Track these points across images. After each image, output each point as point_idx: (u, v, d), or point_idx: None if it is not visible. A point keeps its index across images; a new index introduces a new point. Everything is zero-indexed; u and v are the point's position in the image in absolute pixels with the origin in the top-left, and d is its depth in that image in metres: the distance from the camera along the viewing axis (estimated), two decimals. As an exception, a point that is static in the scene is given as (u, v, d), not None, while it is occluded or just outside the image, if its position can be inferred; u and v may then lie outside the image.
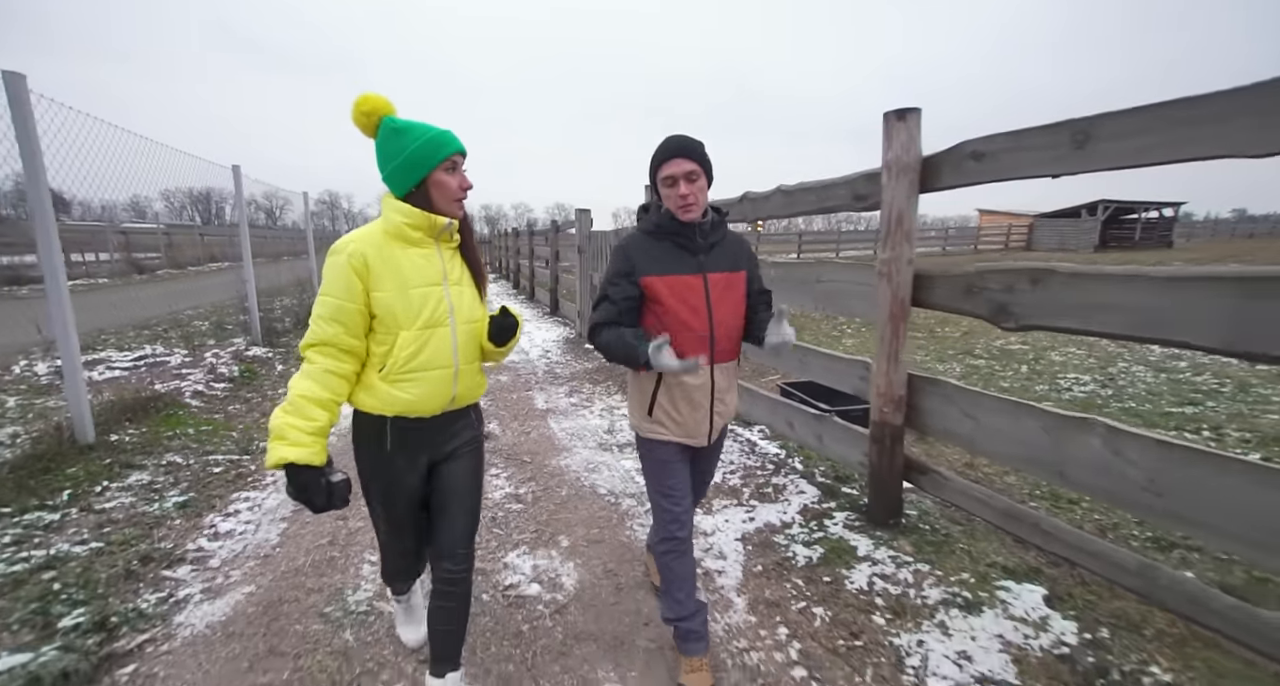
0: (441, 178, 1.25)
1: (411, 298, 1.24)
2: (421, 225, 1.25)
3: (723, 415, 1.58)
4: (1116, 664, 1.54)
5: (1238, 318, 1.26)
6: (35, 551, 2.06)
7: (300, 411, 1.15)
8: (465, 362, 1.34)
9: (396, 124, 1.24)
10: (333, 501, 1.17)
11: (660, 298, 1.46)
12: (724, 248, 1.55)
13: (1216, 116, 1.29)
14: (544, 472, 2.98)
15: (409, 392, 1.25)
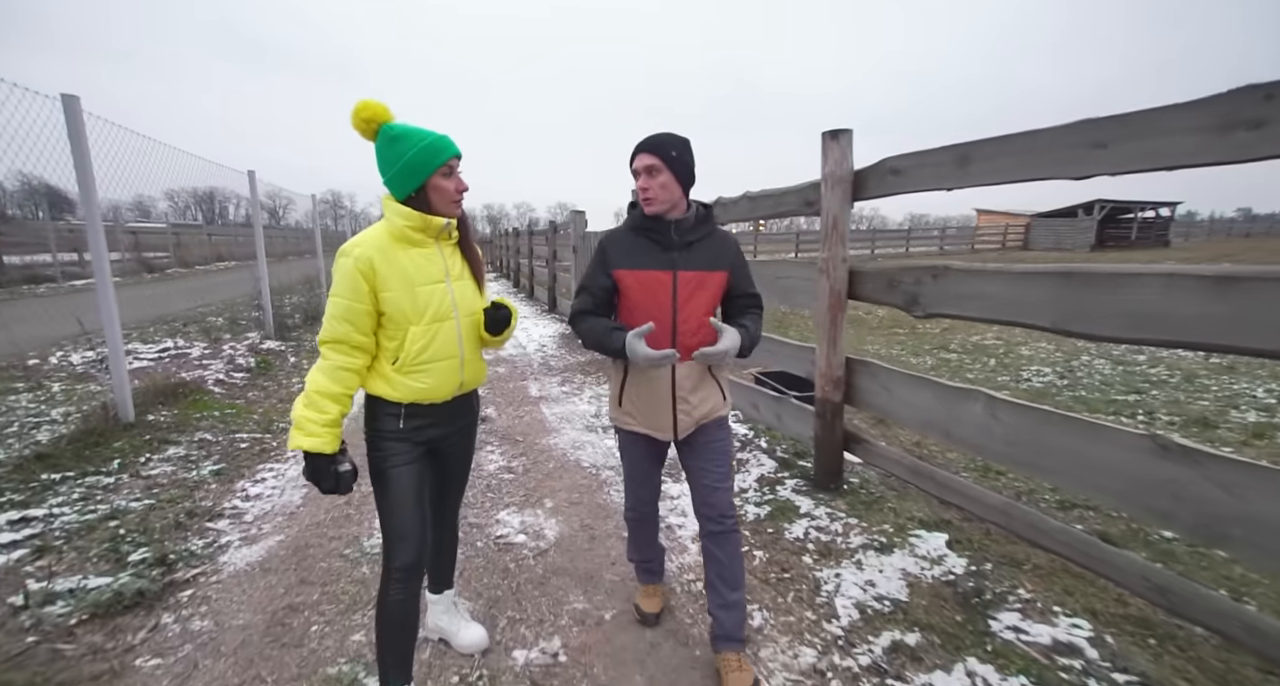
0: (439, 182, 1.33)
1: (418, 295, 1.33)
2: (421, 227, 1.34)
3: (689, 414, 1.56)
4: (991, 587, 1.91)
5: (1058, 304, 1.63)
6: (100, 505, 2.45)
7: (315, 405, 1.27)
8: (470, 352, 1.45)
9: (394, 131, 1.30)
10: (339, 487, 1.30)
11: (627, 290, 1.53)
12: (705, 246, 1.55)
13: (1048, 147, 1.66)
14: (534, 449, 3.36)
15: (423, 382, 1.36)
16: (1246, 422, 3.55)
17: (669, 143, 1.49)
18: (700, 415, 1.59)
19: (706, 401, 1.59)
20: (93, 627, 1.77)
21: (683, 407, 1.56)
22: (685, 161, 1.50)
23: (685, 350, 1.51)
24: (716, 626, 1.58)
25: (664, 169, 1.47)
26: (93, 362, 4.62)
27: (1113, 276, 1.52)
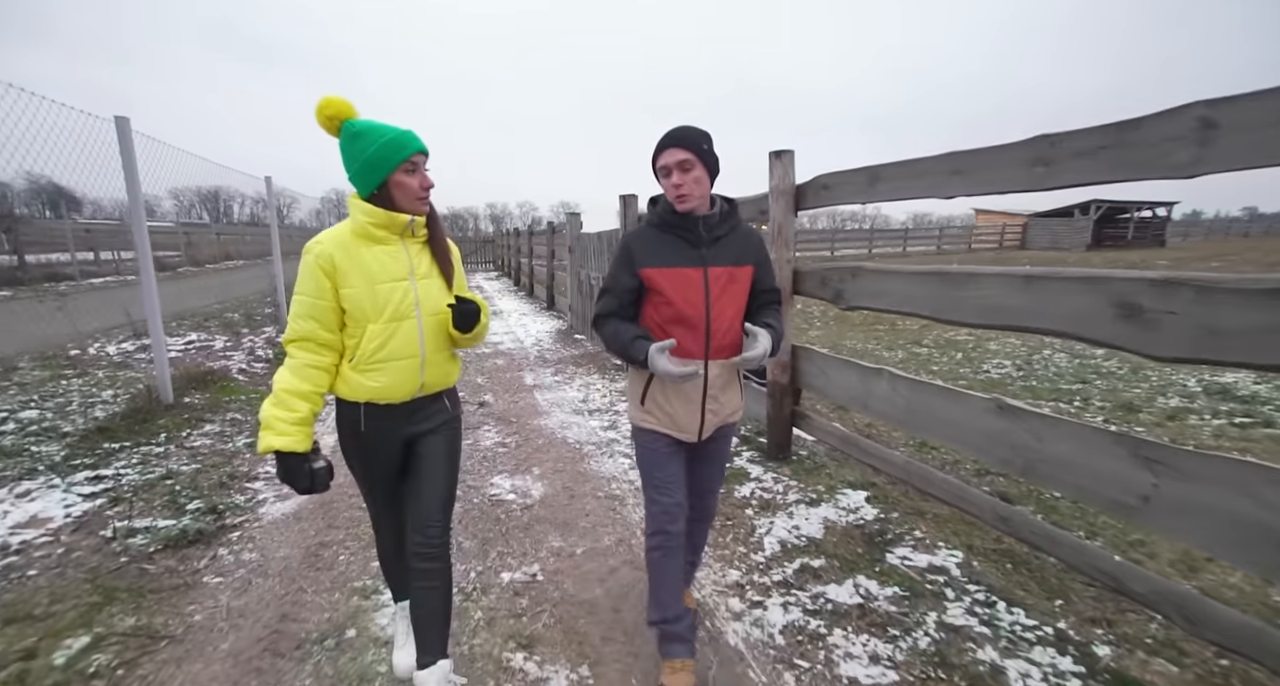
0: (401, 178, 1.30)
1: (378, 292, 1.30)
2: (384, 224, 1.31)
3: (716, 413, 1.55)
4: (893, 529, 2.35)
5: (935, 299, 2.07)
6: (156, 468, 2.92)
7: (283, 404, 1.26)
8: (433, 352, 1.40)
9: (355, 127, 1.29)
10: (314, 485, 1.28)
11: (658, 289, 1.47)
12: (731, 241, 1.52)
13: (924, 172, 2.10)
14: (526, 429, 3.82)
15: (376, 381, 1.33)
16: (1167, 408, 3.97)
17: (699, 135, 1.45)
18: (725, 415, 1.58)
19: (732, 401, 1.59)
20: (166, 555, 2.24)
21: (712, 407, 1.53)
22: (714, 154, 1.47)
23: (718, 347, 1.48)
24: None
25: (697, 162, 1.42)
26: (128, 353, 5.11)
27: (969, 276, 1.96)
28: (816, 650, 1.71)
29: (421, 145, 1.33)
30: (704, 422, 1.54)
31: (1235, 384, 4.48)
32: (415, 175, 1.33)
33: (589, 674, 1.63)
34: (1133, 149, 1.47)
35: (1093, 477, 1.62)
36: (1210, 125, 1.31)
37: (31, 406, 3.63)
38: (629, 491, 2.83)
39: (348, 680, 1.62)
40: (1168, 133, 1.39)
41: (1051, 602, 1.90)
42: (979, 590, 1.95)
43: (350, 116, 1.31)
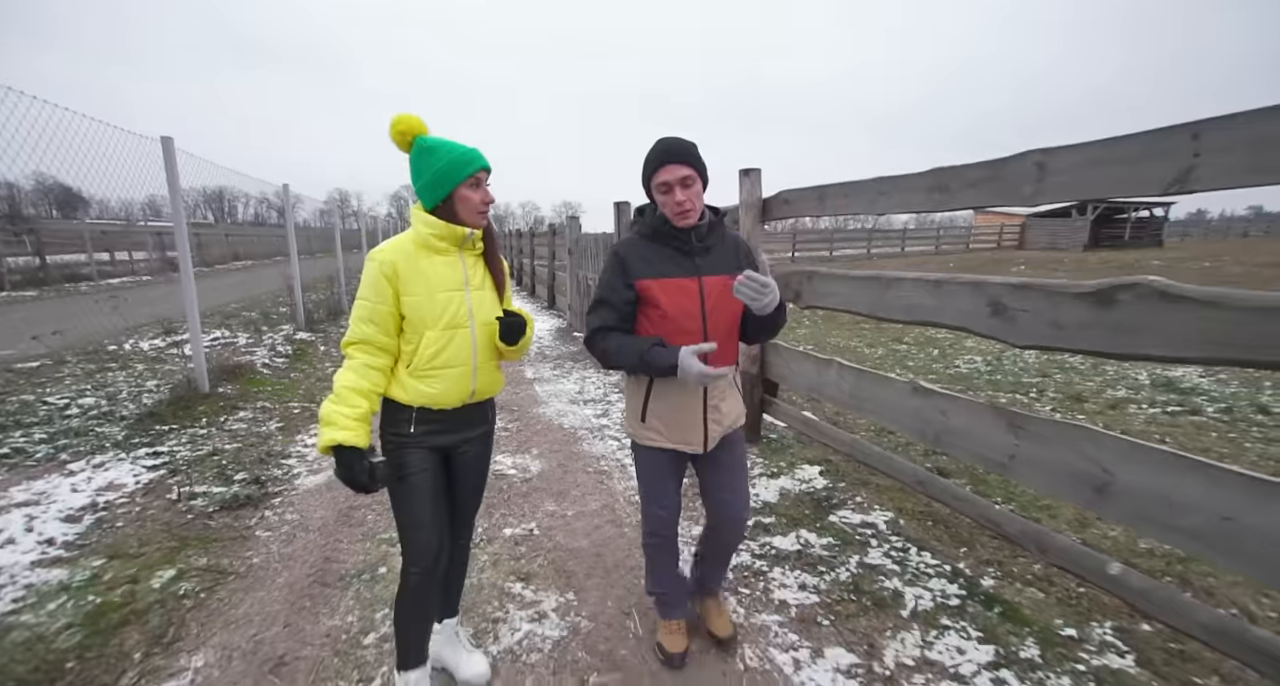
0: (465, 193, 1.38)
1: (436, 301, 1.37)
2: (446, 236, 1.39)
3: (719, 422, 1.56)
4: (838, 496, 2.78)
5: (871, 299, 2.49)
6: (203, 446, 3.37)
7: (344, 400, 1.30)
8: (483, 360, 1.46)
9: (426, 143, 1.37)
10: (375, 480, 1.30)
11: (655, 301, 1.48)
12: (722, 250, 1.55)
13: (859, 192, 2.52)
14: (526, 416, 4.25)
15: (433, 386, 1.39)
16: (1112, 398, 4.37)
17: (694, 149, 1.46)
18: (728, 424, 1.60)
19: (732, 410, 1.60)
20: (222, 514, 2.68)
21: (714, 417, 1.55)
22: (705, 166, 1.50)
23: (716, 358, 1.48)
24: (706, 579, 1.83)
25: (697, 178, 1.46)
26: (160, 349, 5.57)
27: (894, 280, 2.37)
28: (758, 582, 2.14)
29: (486, 162, 1.41)
30: (708, 432, 1.55)
31: (1181, 377, 4.88)
32: (478, 190, 1.41)
33: (574, 598, 2.06)
34: (1000, 181, 1.89)
35: (979, 443, 2.03)
36: (1043, 167, 1.73)
37: (88, 394, 4.09)
38: (615, 468, 3.26)
39: (382, 601, 2.05)
40: (1017, 171, 1.80)
41: (957, 549, 2.32)
42: (899, 540, 2.38)
43: (421, 132, 1.39)
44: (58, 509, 2.49)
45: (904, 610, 1.94)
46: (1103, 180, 1.60)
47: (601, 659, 1.76)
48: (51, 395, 4.07)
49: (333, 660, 1.75)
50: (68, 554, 2.21)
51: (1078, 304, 1.67)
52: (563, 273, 9.30)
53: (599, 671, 1.71)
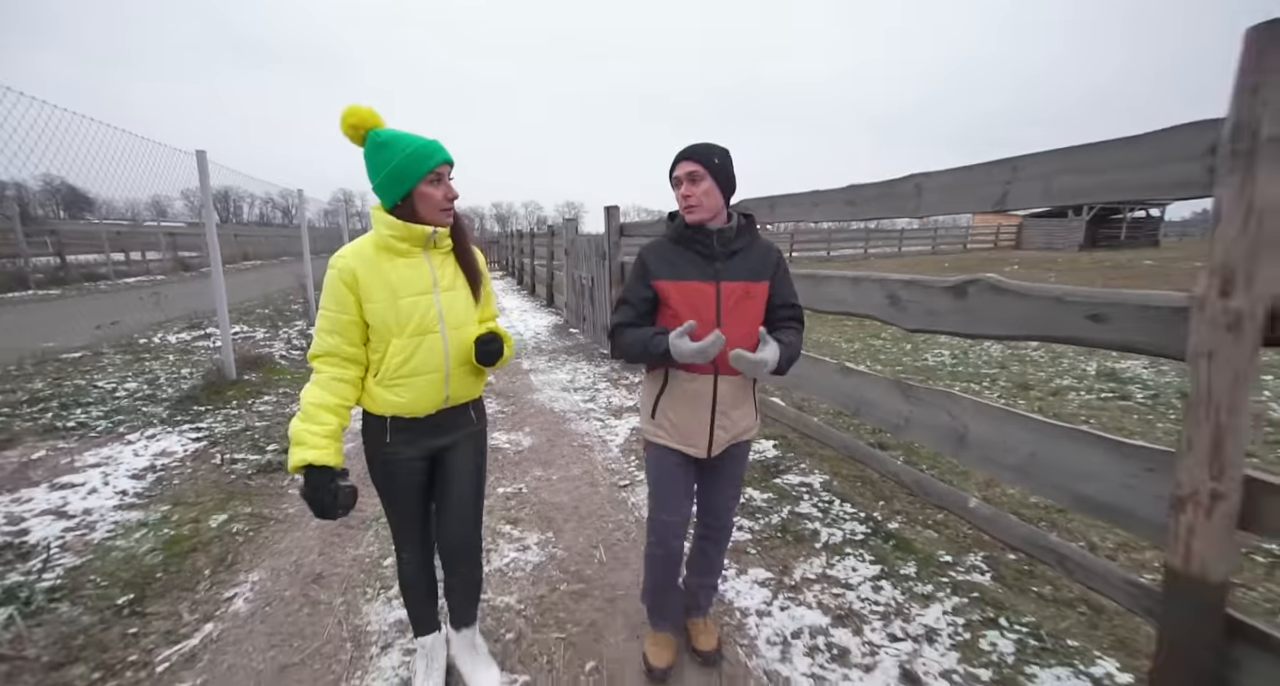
0: (425, 189, 1.30)
1: (401, 307, 1.31)
2: (405, 236, 1.32)
3: (726, 429, 1.56)
4: (785, 463, 3.25)
5: (806, 294, 2.95)
6: (236, 423, 3.87)
7: (312, 418, 1.27)
8: (457, 366, 1.40)
9: (381, 136, 1.29)
10: (338, 503, 1.26)
11: (670, 302, 1.51)
12: (747, 256, 1.54)
13: (801, 203, 2.99)
14: (521, 401, 4.74)
15: (401, 396, 1.35)
16: (1057, 386, 4.82)
17: (711, 150, 1.50)
18: (736, 433, 1.59)
19: (744, 419, 1.59)
20: (259, 477, 3.17)
21: (721, 423, 1.54)
22: (727, 169, 1.51)
23: (728, 363, 1.47)
24: (691, 599, 1.80)
25: (706, 176, 1.47)
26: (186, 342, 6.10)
27: (825, 277, 2.85)
28: (704, 525, 2.62)
29: (447, 156, 1.34)
30: (713, 438, 1.55)
31: (1125, 368, 5.32)
32: (440, 186, 1.33)
33: (552, 536, 2.55)
34: (891, 197, 2.36)
35: (885, 410, 2.50)
36: (920, 187, 2.20)
37: (130, 380, 4.61)
38: (597, 443, 3.74)
39: (397, 538, 2.54)
40: (902, 190, 2.28)
41: (875, 503, 2.79)
42: (829, 495, 2.85)
43: (375, 125, 1.31)
44: (125, 469, 2.99)
45: (818, 543, 2.42)
46: (956, 199, 2.08)
47: (571, 576, 2.24)
48: (100, 380, 4.60)
49: (359, 575, 2.24)
50: (140, 501, 2.72)
51: (944, 295, 2.14)
52: (561, 273, 9.80)
53: (567, 582, 2.19)
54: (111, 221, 16.32)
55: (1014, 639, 1.82)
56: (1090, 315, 1.66)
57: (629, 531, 2.57)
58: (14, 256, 11.17)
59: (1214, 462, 1.33)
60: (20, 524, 2.38)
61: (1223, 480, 1.32)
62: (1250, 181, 1.22)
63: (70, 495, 2.66)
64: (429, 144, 1.31)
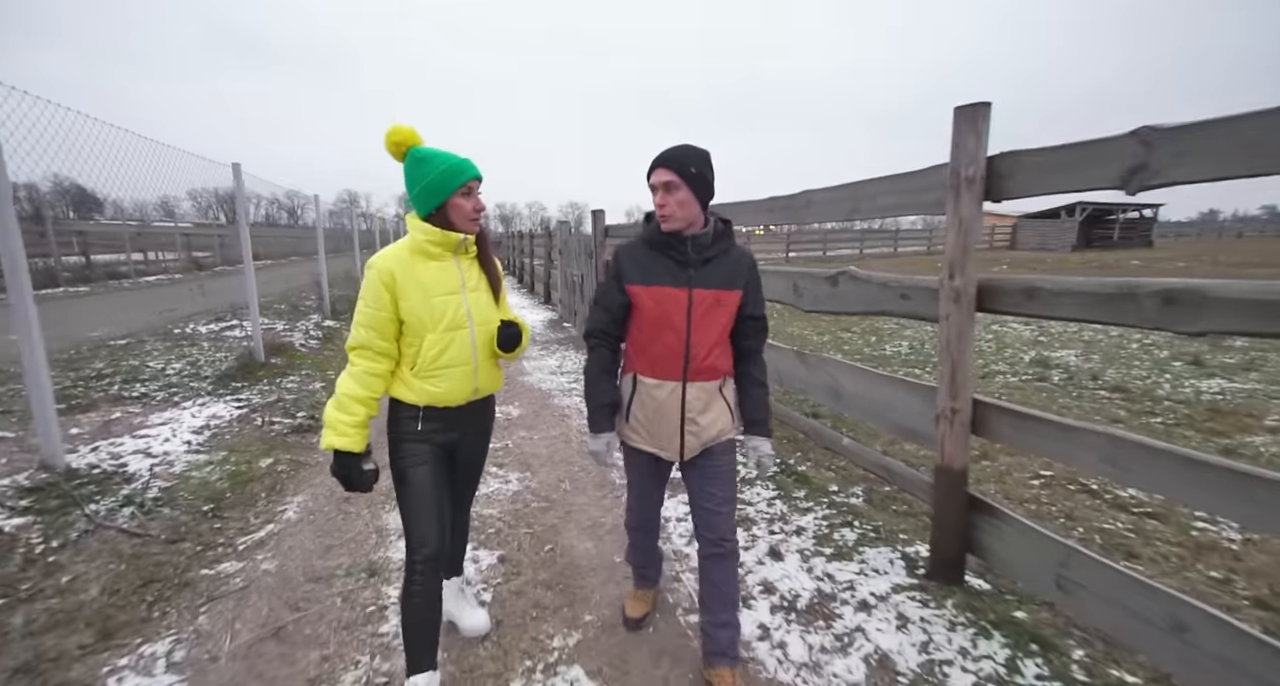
0: (458, 201, 1.49)
1: (434, 305, 1.47)
2: (440, 241, 1.49)
3: (697, 435, 1.57)
4: (727, 427, 3.96)
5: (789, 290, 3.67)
6: (269, 396, 4.62)
7: (344, 408, 1.45)
8: (483, 359, 1.57)
9: (420, 153, 1.48)
10: (364, 482, 1.49)
11: (642, 307, 1.55)
12: (721, 263, 1.55)
13: (747, 210, 3.70)
14: (514, 382, 5.47)
15: (438, 386, 1.50)
16: (991, 371, 5.49)
17: (687, 157, 1.48)
18: (709, 437, 1.60)
19: (716, 423, 1.60)
20: (293, 435, 3.91)
21: (691, 429, 1.56)
22: (704, 177, 1.49)
23: (696, 369, 1.53)
24: (710, 642, 1.64)
25: (682, 185, 1.46)
26: (215, 332, 6.88)
27: (774, 272, 3.55)
28: (651, 468, 3.33)
29: (478, 172, 1.51)
30: (684, 443, 1.58)
31: (1061, 357, 5.98)
32: (470, 199, 1.51)
33: (529, 475, 3.26)
34: (792, 209, 3.06)
35: (792, 377, 3.20)
36: (810, 200, 2.90)
37: (175, 363, 5.37)
38: (574, 413, 4.45)
39: (407, 475, 3.27)
40: (798, 203, 2.98)
41: (794, 453, 3.49)
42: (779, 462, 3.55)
43: (415, 143, 1.49)
44: (186, 427, 3.73)
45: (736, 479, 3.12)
46: (830, 211, 2.79)
47: (540, 498, 2.96)
48: (150, 362, 5.37)
49: (379, 498, 2.96)
50: (203, 448, 3.46)
51: (825, 283, 2.84)
52: (556, 271, 10.53)
53: (537, 502, 2.91)
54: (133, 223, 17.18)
55: (859, 533, 2.52)
56: (901, 295, 2.35)
57: (591, 472, 3.29)
58: (45, 255, 12.04)
59: (953, 389, 2.03)
60: (120, 460, 3.12)
61: (958, 401, 2.03)
62: (958, 205, 1.92)
63: (150, 442, 3.40)
64: (463, 162, 1.50)
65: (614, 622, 1.97)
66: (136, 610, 2.02)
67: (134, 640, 1.88)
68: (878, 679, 1.70)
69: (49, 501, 2.59)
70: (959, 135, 1.90)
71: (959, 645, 1.81)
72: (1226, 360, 5.59)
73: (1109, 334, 7.15)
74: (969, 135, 1.88)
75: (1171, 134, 1.42)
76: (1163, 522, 2.56)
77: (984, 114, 1.87)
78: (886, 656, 1.78)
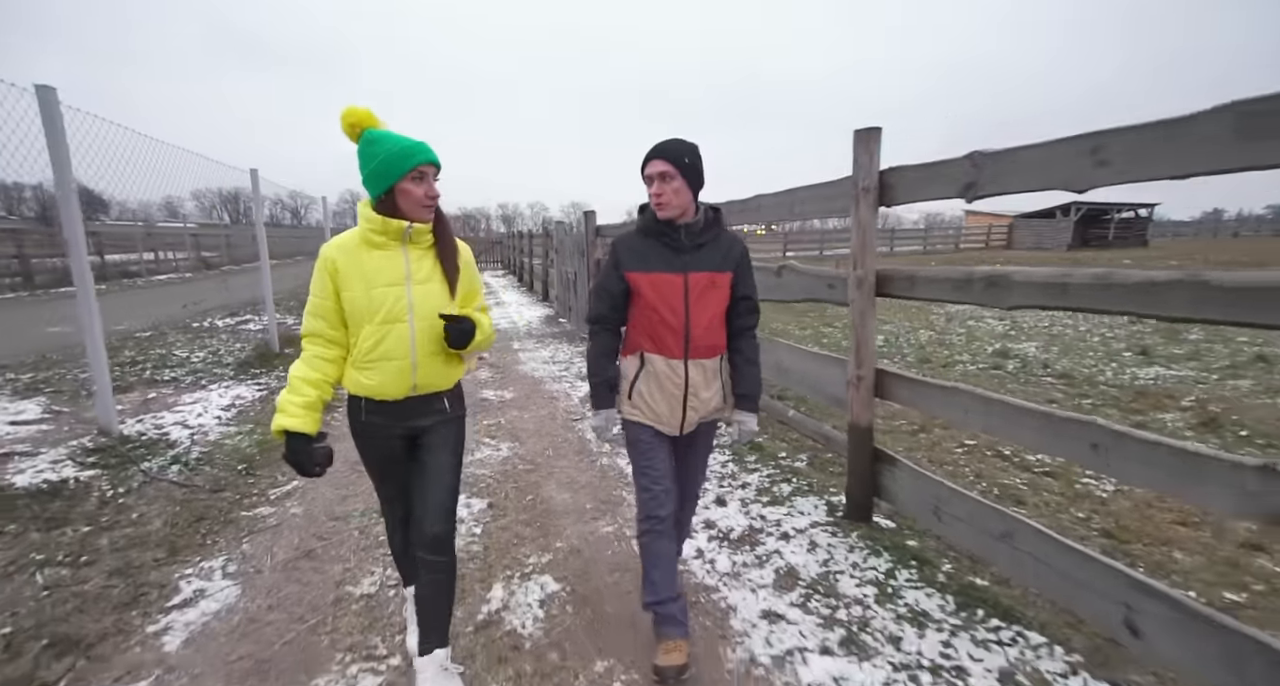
0: (407, 186, 1.43)
1: (373, 296, 1.44)
2: (380, 229, 1.44)
3: (697, 410, 1.71)
4: (699, 407, 4.44)
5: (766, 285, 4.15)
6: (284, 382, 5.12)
7: (294, 390, 1.45)
8: (425, 356, 1.50)
9: (372, 135, 1.44)
10: (314, 461, 1.46)
11: (641, 292, 1.65)
12: (713, 248, 1.67)
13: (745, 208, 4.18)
14: (509, 370, 5.96)
15: (371, 379, 1.49)
16: (953, 360, 5.95)
17: (681, 149, 1.59)
18: (706, 412, 1.74)
19: (713, 400, 1.74)
20: (309, 414, 4.40)
21: (693, 404, 1.69)
22: (696, 167, 1.61)
23: (698, 351, 1.65)
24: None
25: (677, 175, 1.57)
26: (231, 326, 7.41)
27: None
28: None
29: (432, 156, 1.45)
30: (685, 418, 1.70)
31: (1021, 349, 6.43)
32: (422, 184, 1.44)
33: (519, 445, 3.75)
34: (747, 210, 3.53)
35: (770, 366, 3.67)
36: (760, 205, 3.37)
37: (198, 352, 5.89)
38: (562, 396, 4.93)
39: (412, 445, 3.77)
40: (753, 205, 3.45)
41: (752, 428, 3.95)
42: (720, 424, 4.03)
43: (371, 125, 1.45)
44: (215, 405, 4.23)
45: (698, 447, 3.60)
46: (775, 212, 3.27)
47: (526, 462, 3.44)
48: (175, 351, 5.89)
49: (387, 462, 3.45)
50: (232, 422, 3.95)
51: (771, 275, 3.32)
52: (553, 270, 11.03)
53: (524, 465, 3.40)
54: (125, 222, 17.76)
55: (795, 486, 2.99)
56: (828, 285, 2.82)
57: (572, 442, 3.77)
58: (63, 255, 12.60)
59: (859, 360, 2.50)
60: (163, 429, 3.62)
61: (863, 369, 2.50)
62: (858, 210, 2.39)
63: (185, 416, 3.90)
64: (415, 144, 1.44)
65: (579, 547, 2.45)
66: (193, 538, 2.51)
67: (195, 558, 2.37)
68: (783, 582, 2.17)
69: (110, 459, 3.09)
70: (857, 153, 2.37)
71: (852, 561, 2.28)
72: (1175, 351, 6.03)
73: (1076, 328, 7.59)
74: (864, 154, 2.35)
75: (991, 157, 1.89)
76: (1055, 479, 3.02)
77: (876, 137, 2.34)
78: (793, 568, 2.25)
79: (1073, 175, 1.63)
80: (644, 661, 1.73)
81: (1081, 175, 1.60)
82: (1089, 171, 1.58)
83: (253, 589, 2.18)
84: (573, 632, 1.91)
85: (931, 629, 1.87)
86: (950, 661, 1.73)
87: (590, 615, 2.00)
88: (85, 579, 2.13)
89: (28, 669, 1.67)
